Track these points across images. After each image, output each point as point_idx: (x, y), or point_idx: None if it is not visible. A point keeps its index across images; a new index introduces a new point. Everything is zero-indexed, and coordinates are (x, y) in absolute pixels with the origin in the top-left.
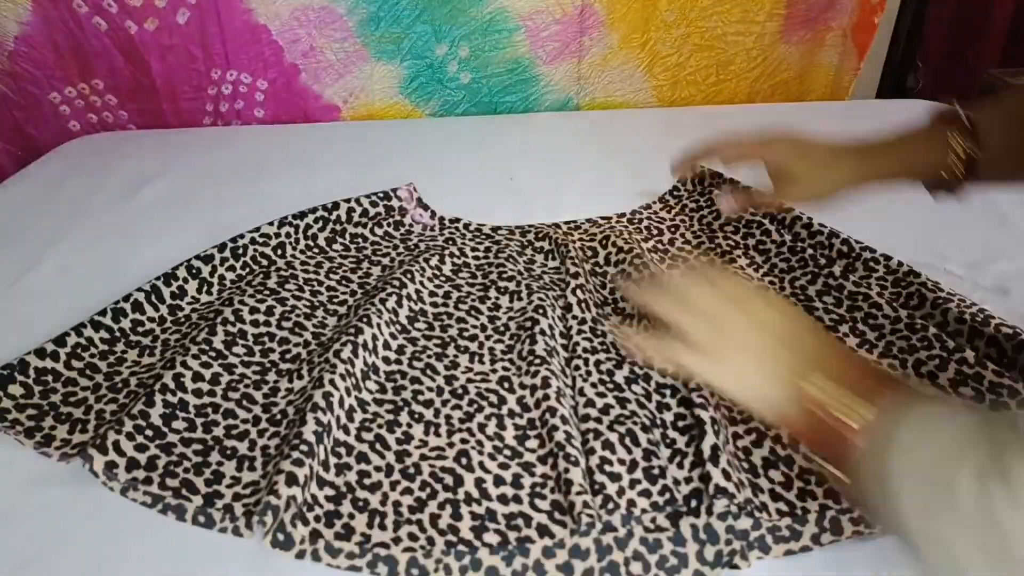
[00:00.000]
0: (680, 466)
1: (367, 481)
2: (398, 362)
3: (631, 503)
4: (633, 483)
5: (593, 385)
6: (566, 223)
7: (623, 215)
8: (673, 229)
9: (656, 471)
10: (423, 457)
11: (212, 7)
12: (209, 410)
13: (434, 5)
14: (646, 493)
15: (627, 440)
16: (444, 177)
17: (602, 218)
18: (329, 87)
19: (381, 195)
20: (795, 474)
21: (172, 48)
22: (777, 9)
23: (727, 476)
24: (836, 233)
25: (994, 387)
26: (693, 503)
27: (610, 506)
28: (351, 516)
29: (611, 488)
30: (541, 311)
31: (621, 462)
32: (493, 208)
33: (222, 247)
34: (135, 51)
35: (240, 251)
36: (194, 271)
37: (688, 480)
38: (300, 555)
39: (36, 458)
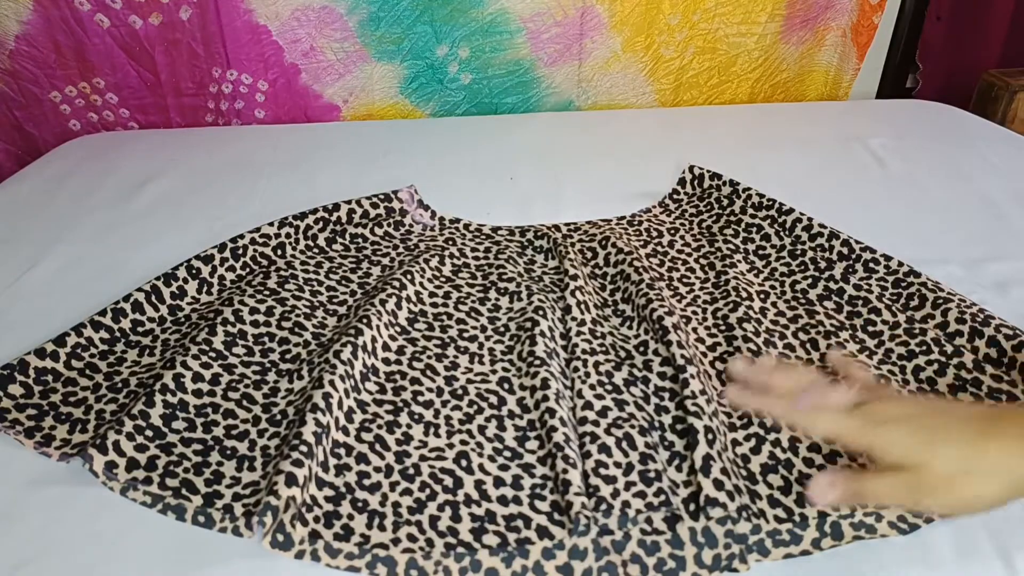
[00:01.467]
0: (679, 469)
1: (366, 482)
2: (398, 363)
3: (625, 504)
4: (628, 485)
5: (592, 387)
6: (566, 225)
7: (623, 218)
8: (672, 232)
9: (652, 474)
10: (423, 458)
11: (212, 6)
12: (209, 410)
13: (435, 6)
14: (641, 495)
15: (624, 444)
16: (444, 177)
17: (602, 220)
18: (329, 87)
19: (382, 196)
20: (794, 478)
21: (176, 43)
22: (778, 10)
23: (718, 486)
24: (836, 234)
25: (993, 392)
26: (691, 507)
27: (604, 507)
28: (350, 517)
29: (605, 490)
30: (541, 312)
31: (617, 465)
32: (493, 208)
33: (222, 247)
34: (139, 46)
35: (240, 251)
36: (194, 271)
37: (687, 484)
38: (299, 555)
39: (36, 458)
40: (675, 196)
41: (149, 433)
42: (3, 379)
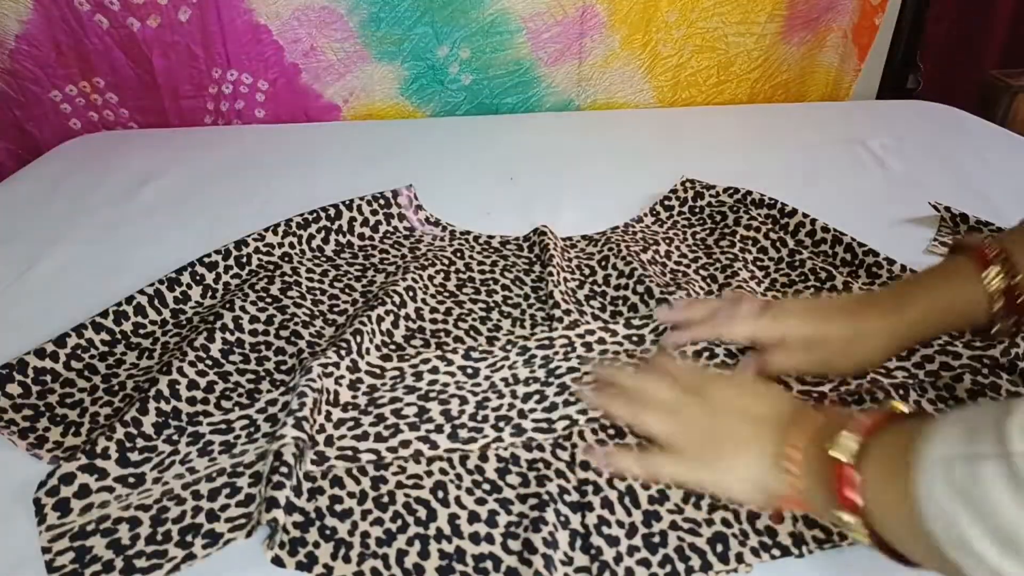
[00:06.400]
0: (697, 506)
1: (338, 507)
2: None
3: (629, 572)
4: (632, 550)
5: (593, 432)
6: (564, 239)
7: (616, 228)
8: (668, 242)
9: (656, 538)
10: (399, 485)
11: (212, 6)
12: (201, 419)
13: (435, 6)
14: (645, 563)
15: (627, 500)
16: (444, 177)
17: (598, 233)
18: (330, 87)
19: (381, 201)
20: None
21: (174, 46)
22: (778, 10)
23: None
24: (839, 238)
25: (1012, 396)
26: (719, 547)
27: (606, 575)
28: (316, 545)
29: (608, 554)
30: (542, 344)
31: (620, 524)
32: (493, 208)
33: (226, 254)
34: (137, 48)
35: (244, 259)
36: (198, 277)
37: (709, 522)
38: None
39: (33, 458)
40: (666, 203)
41: (140, 442)
42: (1, 378)
